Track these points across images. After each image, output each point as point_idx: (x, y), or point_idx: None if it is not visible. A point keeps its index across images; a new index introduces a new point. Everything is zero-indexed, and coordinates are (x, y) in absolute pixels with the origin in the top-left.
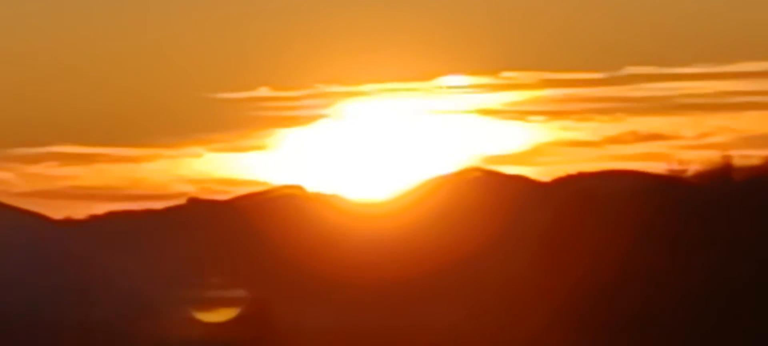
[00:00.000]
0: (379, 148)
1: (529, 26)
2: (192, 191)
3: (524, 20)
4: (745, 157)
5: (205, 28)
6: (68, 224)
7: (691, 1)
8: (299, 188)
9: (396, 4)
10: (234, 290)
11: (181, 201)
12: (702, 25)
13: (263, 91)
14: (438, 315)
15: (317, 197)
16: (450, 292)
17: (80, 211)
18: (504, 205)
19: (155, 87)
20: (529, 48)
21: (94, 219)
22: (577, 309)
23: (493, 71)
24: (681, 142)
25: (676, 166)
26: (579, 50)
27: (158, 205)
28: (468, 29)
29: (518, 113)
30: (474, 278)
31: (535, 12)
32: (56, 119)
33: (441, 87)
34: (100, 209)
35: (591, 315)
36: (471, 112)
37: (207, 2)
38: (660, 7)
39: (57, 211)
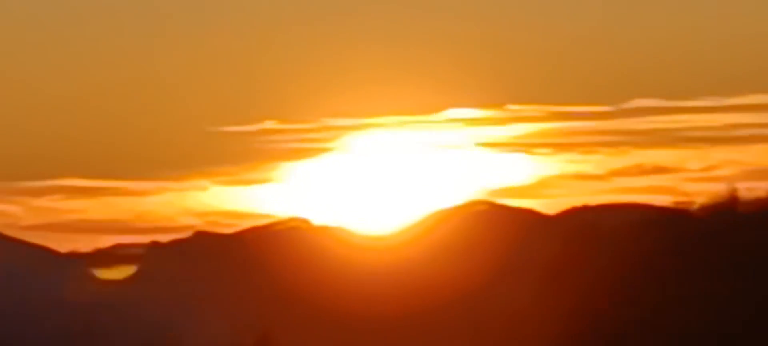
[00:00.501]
0: (385, 181)
1: (534, 59)
2: (198, 224)
3: (530, 54)
4: (751, 189)
5: (211, 62)
6: (74, 257)
7: (696, 34)
8: (305, 221)
9: (401, 38)
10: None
11: (188, 234)
12: (707, 58)
13: (269, 125)
14: None
15: (323, 230)
16: (455, 324)
17: (86, 244)
18: (509, 237)
19: (161, 120)
20: (534, 81)
21: (100, 252)
22: (581, 340)
23: (498, 104)
24: (686, 175)
25: (681, 199)
26: (584, 83)
27: (164, 238)
28: (473, 63)
29: (524, 146)
30: (479, 310)
31: (541, 46)
32: (62, 153)
33: (447, 120)
34: (106, 242)
35: None
36: (476, 145)
37: (213, 36)
38: (665, 40)
39: (63, 244)
